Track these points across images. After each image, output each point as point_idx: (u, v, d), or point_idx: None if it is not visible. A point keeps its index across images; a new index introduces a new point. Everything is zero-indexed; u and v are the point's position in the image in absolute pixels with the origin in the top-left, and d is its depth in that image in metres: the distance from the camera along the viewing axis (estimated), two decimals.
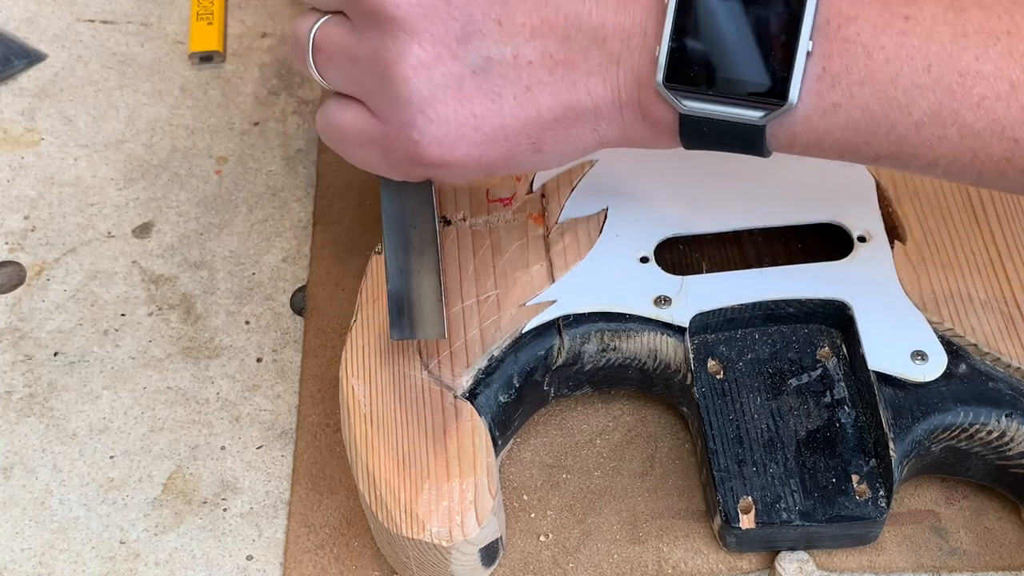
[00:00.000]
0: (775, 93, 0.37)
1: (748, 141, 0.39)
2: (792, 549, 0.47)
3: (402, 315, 0.46)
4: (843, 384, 0.49)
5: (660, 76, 0.38)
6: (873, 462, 0.47)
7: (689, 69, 0.38)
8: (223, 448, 0.53)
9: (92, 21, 0.72)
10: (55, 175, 0.64)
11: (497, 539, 0.46)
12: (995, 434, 0.46)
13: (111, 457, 0.53)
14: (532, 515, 0.50)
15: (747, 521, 0.46)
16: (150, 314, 0.58)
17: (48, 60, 0.69)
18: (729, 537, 0.47)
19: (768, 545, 0.47)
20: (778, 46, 0.37)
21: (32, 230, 0.62)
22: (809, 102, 0.37)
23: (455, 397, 0.47)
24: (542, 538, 0.49)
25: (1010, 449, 0.47)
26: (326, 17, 0.41)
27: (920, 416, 0.46)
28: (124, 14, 0.72)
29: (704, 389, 0.49)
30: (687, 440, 0.52)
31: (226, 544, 0.50)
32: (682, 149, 0.53)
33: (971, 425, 0.46)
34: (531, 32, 0.39)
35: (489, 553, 0.46)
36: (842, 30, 0.37)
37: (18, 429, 0.54)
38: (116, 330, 0.58)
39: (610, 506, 0.50)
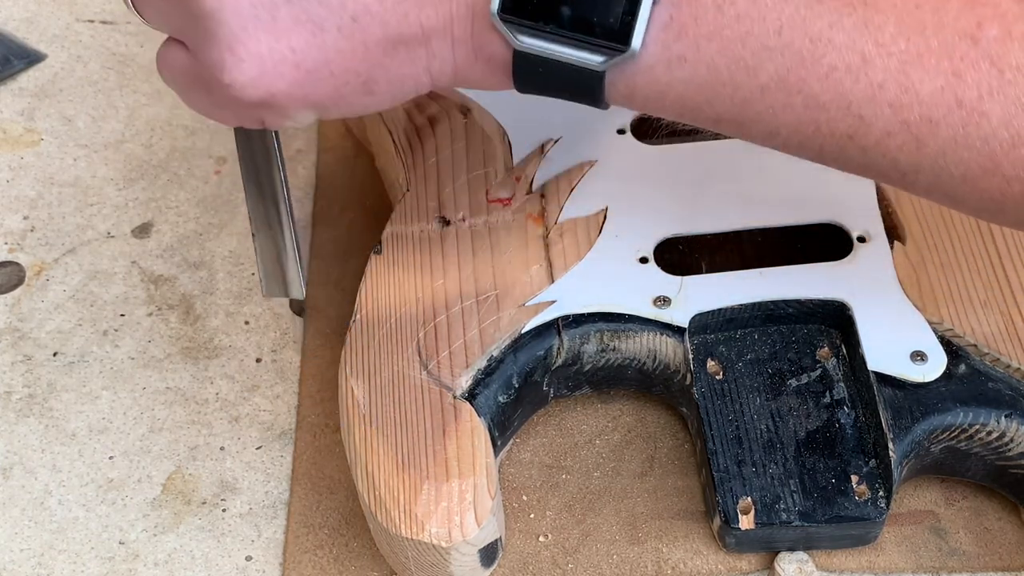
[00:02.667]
0: (617, 37, 0.35)
1: (586, 88, 0.37)
2: (792, 549, 0.47)
3: (266, 271, 0.44)
4: (843, 384, 0.49)
5: (495, 6, 0.35)
6: (873, 462, 0.47)
7: (527, 1, 0.35)
8: (222, 448, 0.53)
9: (92, 21, 0.72)
10: (54, 175, 0.64)
11: (496, 540, 0.46)
12: (995, 435, 0.46)
13: (110, 457, 0.53)
14: (531, 515, 0.50)
15: (746, 522, 0.46)
16: (149, 314, 0.58)
17: (48, 60, 0.69)
18: (728, 538, 0.47)
19: (768, 546, 0.47)
20: None
21: (31, 230, 0.62)
22: (653, 52, 0.35)
23: (454, 398, 0.47)
24: (541, 539, 0.49)
25: (1010, 450, 0.47)
26: None
27: (920, 416, 0.46)
28: (124, 14, 0.72)
29: (704, 389, 0.49)
30: (686, 441, 0.52)
31: (225, 544, 0.50)
32: (679, 152, 0.53)
33: (971, 426, 0.46)
34: None
35: (488, 554, 0.46)
36: None
37: (17, 429, 0.54)
38: (115, 330, 0.57)
39: (609, 507, 0.50)
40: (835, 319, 0.50)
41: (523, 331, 0.49)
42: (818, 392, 0.49)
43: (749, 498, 0.46)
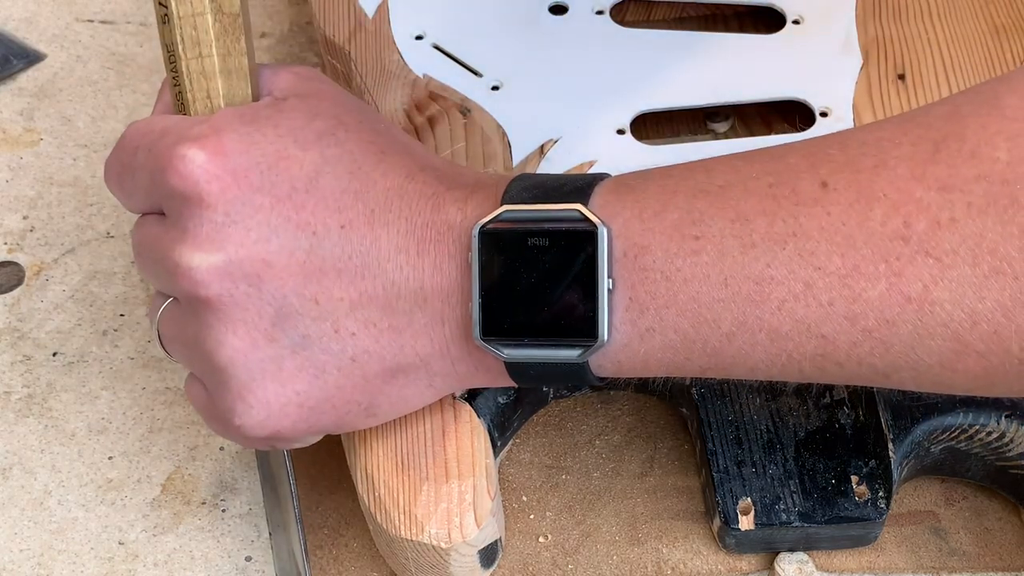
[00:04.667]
0: (586, 333, 0.38)
1: (574, 376, 0.40)
2: (791, 550, 0.47)
3: (281, 568, 0.48)
4: (842, 384, 0.49)
5: (476, 332, 0.39)
6: (872, 463, 0.47)
7: (502, 322, 0.39)
8: (222, 449, 0.53)
9: (91, 21, 0.71)
10: (54, 175, 0.64)
11: (496, 540, 0.46)
12: (994, 435, 0.46)
13: (110, 458, 0.53)
14: (531, 516, 0.50)
15: (746, 522, 0.46)
16: (149, 314, 0.58)
17: (47, 60, 0.69)
18: (728, 538, 0.47)
19: (767, 546, 0.47)
20: (580, 289, 0.38)
21: (31, 230, 0.62)
22: (624, 331, 0.38)
23: (454, 398, 0.46)
24: (541, 539, 0.49)
25: (1010, 450, 0.47)
26: (168, 300, 0.42)
27: (919, 417, 0.46)
28: (123, 14, 0.72)
29: (703, 390, 0.49)
30: (686, 441, 0.52)
31: (225, 545, 0.50)
32: (679, 152, 0.53)
33: (970, 426, 0.46)
34: (350, 305, 0.39)
35: (488, 554, 0.46)
36: (638, 260, 0.37)
37: (17, 429, 0.54)
38: (115, 330, 0.57)
39: (609, 507, 0.50)
40: None
41: None
42: (818, 392, 0.49)
43: (749, 499, 0.46)
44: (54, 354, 0.57)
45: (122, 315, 0.58)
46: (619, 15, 0.62)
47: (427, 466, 0.44)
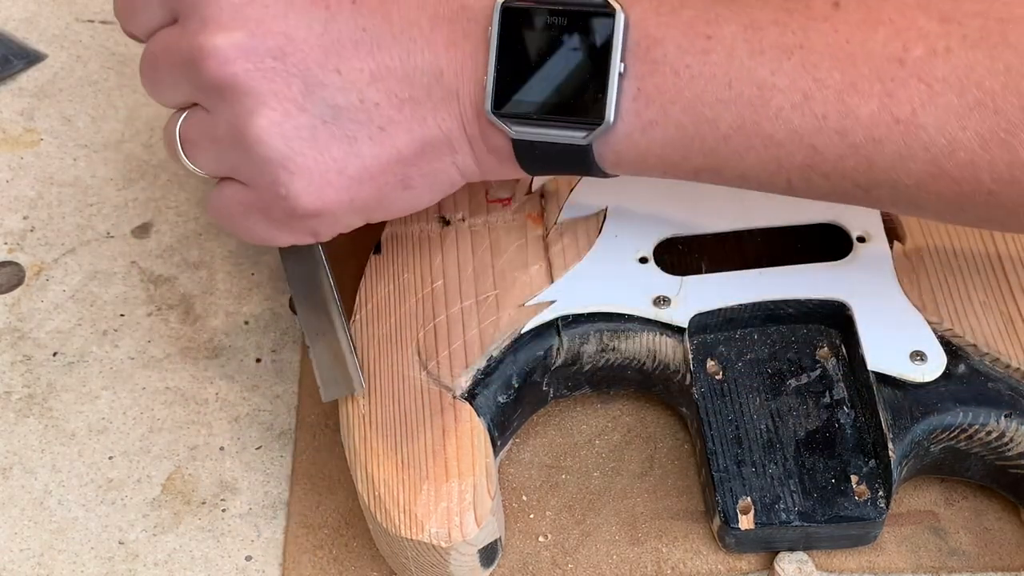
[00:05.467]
0: (593, 114, 0.40)
1: (578, 161, 0.41)
2: (791, 550, 0.47)
3: (324, 378, 0.48)
4: (842, 384, 0.49)
5: (488, 105, 0.41)
6: (872, 462, 0.47)
7: (515, 96, 0.40)
8: (222, 448, 0.53)
9: (91, 21, 0.72)
10: (54, 175, 0.64)
11: (496, 540, 0.46)
12: (994, 435, 0.46)
13: (110, 457, 0.53)
14: (531, 516, 0.50)
15: (746, 522, 0.46)
16: (149, 314, 0.58)
17: (47, 60, 0.69)
18: (728, 538, 0.47)
19: (767, 546, 0.47)
20: (592, 71, 0.39)
21: (31, 230, 0.62)
22: (628, 121, 0.40)
23: (454, 398, 0.47)
24: (541, 539, 0.49)
25: (1009, 450, 0.47)
26: (187, 111, 0.43)
27: (919, 417, 0.46)
28: None
29: (703, 389, 0.49)
30: (686, 441, 0.52)
31: (225, 545, 0.50)
32: None
33: (970, 426, 0.46)
34: (371, 76, 0.41)
35: (488, 554, 0.46)
36: (650, 52, 0.39)
37: (17, 429, 0.54)
38: (115, 330, 0.57)
39: (609, 507, 0.50)
40: (835, 319, 0.50)
41: (523, 331, 0.49)
42: (818, 392, 0.49)
43: (749, 498, 0.46)
44: (54, 354, 0.57)
45: (122, 315, 0.58)
46: None
47: (427, 465, 0.44)
